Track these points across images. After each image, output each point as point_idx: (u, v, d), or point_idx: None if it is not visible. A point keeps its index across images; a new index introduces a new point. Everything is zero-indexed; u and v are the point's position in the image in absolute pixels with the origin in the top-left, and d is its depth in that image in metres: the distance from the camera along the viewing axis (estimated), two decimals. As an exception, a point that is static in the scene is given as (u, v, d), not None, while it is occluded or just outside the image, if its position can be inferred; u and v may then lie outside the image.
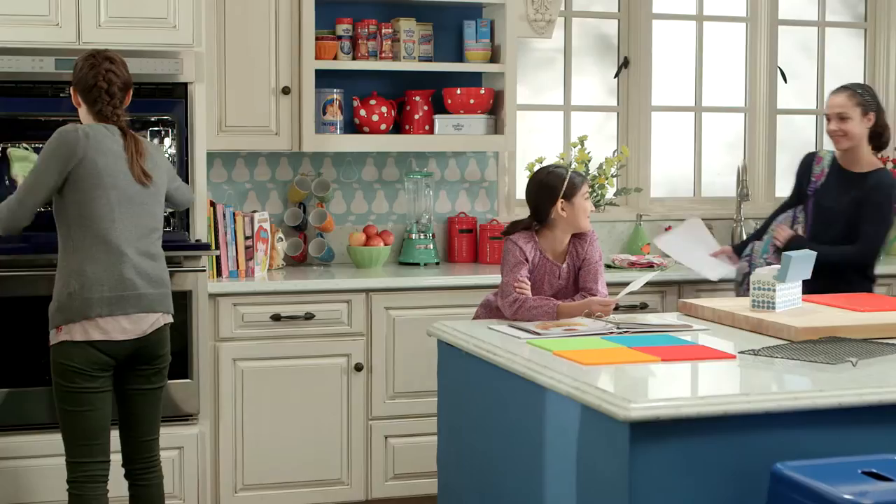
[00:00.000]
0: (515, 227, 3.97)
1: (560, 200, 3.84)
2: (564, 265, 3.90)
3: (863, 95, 4.64)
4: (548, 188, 3.90)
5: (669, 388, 2.83)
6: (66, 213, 3.75)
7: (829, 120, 4.66)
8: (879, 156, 4.90)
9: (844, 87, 4.70)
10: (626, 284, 3.86)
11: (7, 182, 4.41)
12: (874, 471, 2.50)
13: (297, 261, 5.29)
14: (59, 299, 3.74)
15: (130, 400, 3.87)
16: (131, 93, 3.90)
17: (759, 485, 2.67)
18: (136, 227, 3.78)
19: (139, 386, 3.86)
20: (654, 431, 2.61)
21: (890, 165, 5.65)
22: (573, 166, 5.43)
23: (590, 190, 3.98)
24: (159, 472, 3.95)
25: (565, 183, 3.85)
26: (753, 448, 2.69)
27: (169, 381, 4.40)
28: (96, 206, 3.73)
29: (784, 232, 4.61)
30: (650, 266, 5.20)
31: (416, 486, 4.90)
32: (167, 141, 4.55)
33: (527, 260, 3.85)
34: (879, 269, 5.44)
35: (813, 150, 4.89)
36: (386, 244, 5.24)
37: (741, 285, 4.64)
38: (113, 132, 3.80)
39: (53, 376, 3.76)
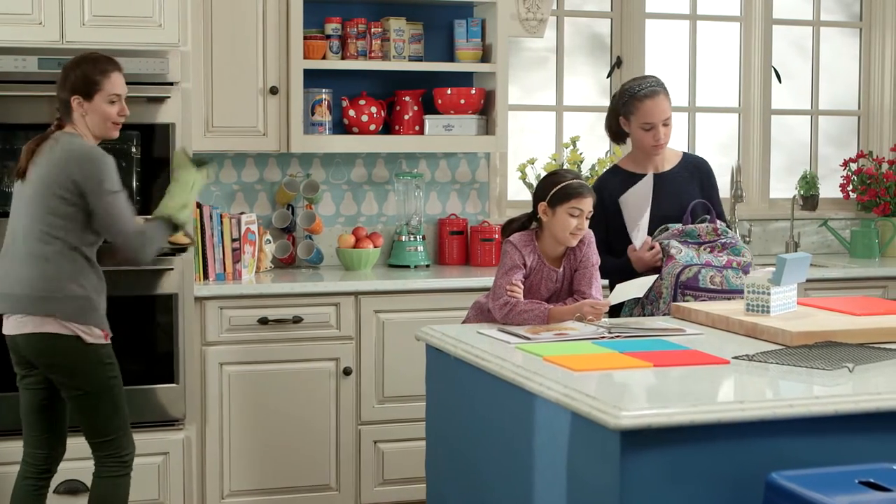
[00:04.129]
0: (511, 224, 3.91)
1: (543, 203, 3.78)
2: (561, 269, 3.84)
3: (667, 92, 4.16)
4: (541, 185, 3.85)
5: (661, 395, 2.78)
6: None
7: (649, 129, 4.08)
8: None
9: (656, 89, 4.11)
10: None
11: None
12: (872, 480, 2.46)
13: (285, 263, 5.24)
14: None
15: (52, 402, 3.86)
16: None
17: (754, 495, 2.63)
18: (18, 226, 3.75)
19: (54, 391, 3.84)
20: (645, 440, 2.56)
21: None
22: (565, 166, 5.38)
23: (591, 210, 3.82)
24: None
25: (555, 189, 3.78)
26: (748, 457, 2.64)
27: (154, 386, 4.41)
28: None
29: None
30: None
31: (405, 492, 4.85)
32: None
33: (524, 265, 3.79)
34: (877, 272, 5.42)
35: (646, 172, 4.14)
36: (375, 246, 5.19)
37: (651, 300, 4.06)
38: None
39: None
